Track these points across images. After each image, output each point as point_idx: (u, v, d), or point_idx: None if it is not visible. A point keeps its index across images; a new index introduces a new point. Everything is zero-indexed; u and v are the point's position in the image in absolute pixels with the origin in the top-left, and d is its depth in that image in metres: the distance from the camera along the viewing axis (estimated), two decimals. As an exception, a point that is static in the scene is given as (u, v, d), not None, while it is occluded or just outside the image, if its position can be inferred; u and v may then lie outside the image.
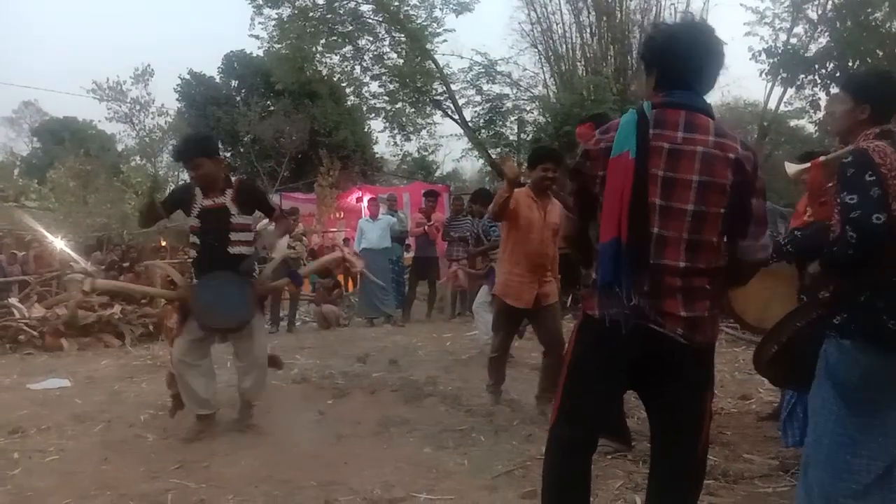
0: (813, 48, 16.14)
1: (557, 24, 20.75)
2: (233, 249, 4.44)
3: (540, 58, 21.22)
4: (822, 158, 3.40)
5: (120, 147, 28.36)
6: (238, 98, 26.30)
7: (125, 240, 14.49)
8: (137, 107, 25.77)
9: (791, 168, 3.76)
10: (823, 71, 15.41)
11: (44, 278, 10.26)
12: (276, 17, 20.04)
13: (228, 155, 27.21)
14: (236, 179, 4.80)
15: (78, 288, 4.16)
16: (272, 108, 24.65)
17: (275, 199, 17.54)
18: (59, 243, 12.07)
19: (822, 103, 16.22)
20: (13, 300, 9.04)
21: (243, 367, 4.59)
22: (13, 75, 66.03)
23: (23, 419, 4.85)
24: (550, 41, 20.89)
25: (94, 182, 18.55)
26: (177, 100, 27.35)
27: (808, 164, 3.49)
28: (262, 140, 23.61)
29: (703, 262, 2.16)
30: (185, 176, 24.51)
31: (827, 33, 15.58)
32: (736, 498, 3.35)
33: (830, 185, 3.47)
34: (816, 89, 16.27)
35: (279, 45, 20.40)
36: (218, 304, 4.35)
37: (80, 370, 6.81)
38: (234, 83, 27.32)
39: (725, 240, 2.22)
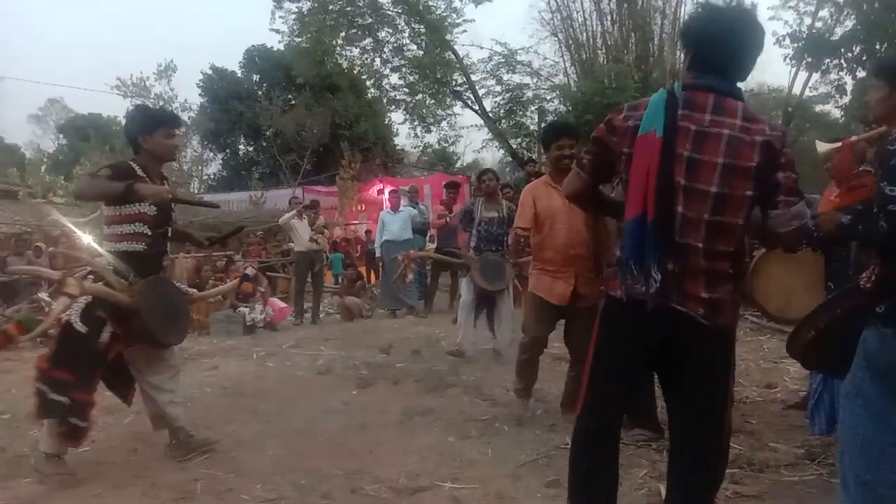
0: (839, 31, 15.89)
1: (578, 12, 20.64)
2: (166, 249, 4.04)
3: (560, 46, 21.13)
4: (853, 138, 3.34)
5: (144, 143, 28.70)
6: (260, 92, 26.51)
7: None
8: (161, 102, 26.05)
9: (822, 147, 3.71)
10: (850, 55, 15.13)
11: (72, 273, 10.41)
12: (297, 10, 20.18)
13: (251, 149, 27.50)
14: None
15: (66, 289, 3.54)
16: (293, 101, 24.79)
17: (297, 192, 17.64)
18: (86, 238, 12.25)
19: (849, 88, 15.97)
20: (43, 295, 9.19)
21: (154, 384, 3.97)
22: (39, 73, 66.94)
23: (55, 411, 4.94)
24: (571, 29, 20.77)
25: (120, 177, 18.77)
26: (199, 95, 27.66)
27: (838, 144, 3.45)
28: (284, 133, 23.76)
29: (724, 244, 2.15)
30: (209, 170, 24.35)
31: (853, 16, 15.31)
32: (761, 486, 3.32)
33: (861, 168, 3.42)
34: (842, 73, 16.02)
35: (300, 39, 20.53)
36: (167, 319, 3.81)
37: (109, 363, 6.91)
38: (255, 77, 27.53)
39: (758, 212, 2.21)
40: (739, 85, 2.29)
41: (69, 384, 3.48)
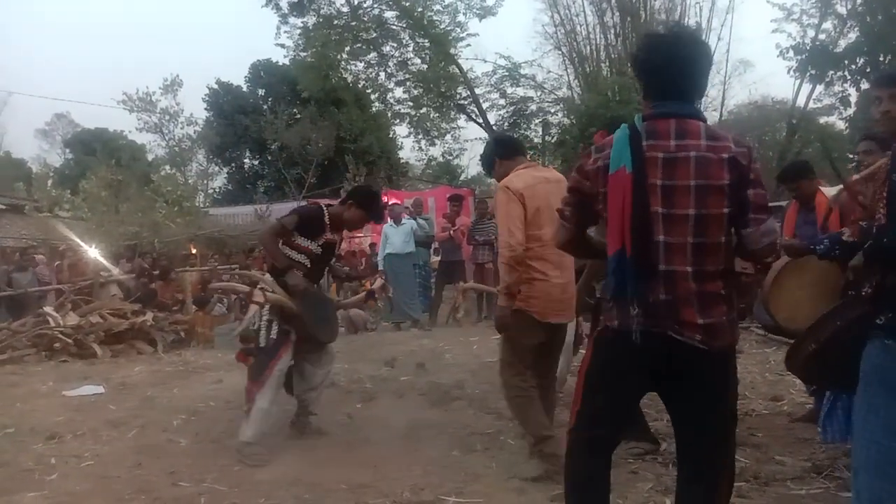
0: (842, 44, 15.94)
1: (581, 26, 20.76)
2: (321, 281, 4.85)
3: (564, 60, 21.25)
4: (854, 177, 3.36)
5: (150, 157, 28.87)
6: (265, 106, 26.60)
7: (156, 248, 14.73)
8: (167, 117, 26.25)
9: (830, 191, 3.75)
10: (853, 67, 15.17)
11: (78, 287, 10.45)
12: (302, 25, 20.34)
13: (256, 163, 27.63)
14: None
15: (254, 299, 4.49)
16: (298, 115, 24.88)
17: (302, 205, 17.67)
18: (92, 252, 12.31)
19: (853, 99, 15.99)
20: (48, 309, 9.22)
21: (317, 375, 4.60)
22: (46, 89, 67.50)
23: (59, 425, 4.95)
24: (574, 43, 20.87)
25: (126, 191, 18.89)
26: (205, 109, 27.77)
27: (841, 186, 3.49)
28: (289, 147, 23.84)
29: (712, 264, 2.18)
30: (214, 184, 24.67)
31: (857, 28, 15.36)
32: (768, 500, 3.30)
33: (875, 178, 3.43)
34: (846, 85, 16.05)
35: (305, 54, 20.69)
36: (321, 320, 4.53)
37: (113, 377, 6.92)
38: (260, 92, 27.65)
39: (732, 231, 2.24)
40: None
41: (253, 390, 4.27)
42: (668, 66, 2.22)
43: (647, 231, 2.15)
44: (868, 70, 14.46)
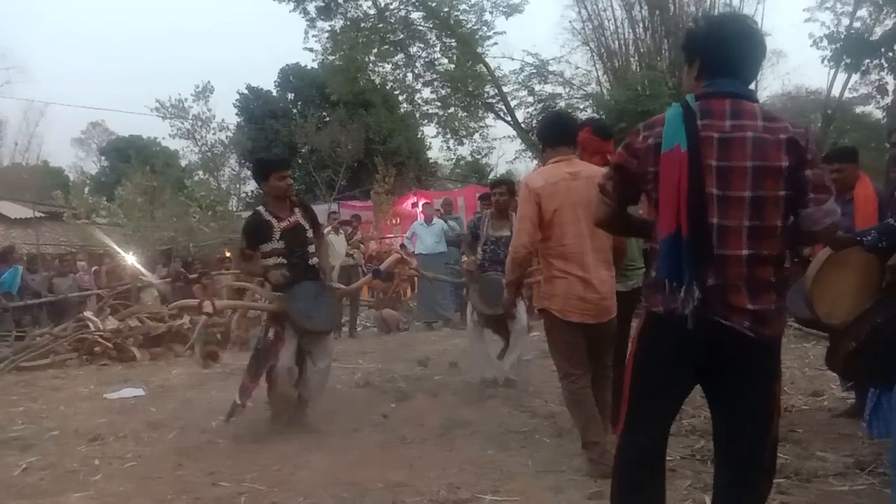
0: (878, 31, 15.58)
1: (609, 21, 20.58)
2: (312, 261, 4.83)
3: (592, 55, 21.09)
4: None
5: (184, 162, 29.24)
6: (295, 110, 26.82)
7: (191, 252, 14.94)
8: (199, 123, 26.48)
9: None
10: (890, 54, 14.83)
11: (116, 291, 10.66)
12: (329, 29, 20.46)
13: (288, 166, 27.80)
14: (298, 199, 5.05)
15: (204, 309, 4.83)
16: (328, 118, 25.04)
17: (333, 207, 17.81)
18: (129, 258, 12.54)
19: (890, 87, 15.63)
20: (88, 313, 9.42)
21: (318, 369, 4.82)
22: (81, 98, 68.72)
23: (101, 427, 5.06)
24: (602, 38, 20.70)
25: (161, 197, 19.16)
26: (236, 114, 28.05)
27: None
28: (319, 150, 23.97)
29: (766, 248, 2.11)
30: (246, 188, 24.65)
31: (893, 15, 15.01)
32: (809, 497, 3.24)
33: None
34: (883, 73, 15.69)
35: (333, 57, 20.79)
36: (312, 311, 4.68)
37: (153, 379, 7.06)
38: (290, 96, 27.89)
39: (790, 216, 2.17)
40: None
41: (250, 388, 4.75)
42: (732, 43, 2.18)
43: (704, 213, 2.09)
44: (906, 57, 14.15)
